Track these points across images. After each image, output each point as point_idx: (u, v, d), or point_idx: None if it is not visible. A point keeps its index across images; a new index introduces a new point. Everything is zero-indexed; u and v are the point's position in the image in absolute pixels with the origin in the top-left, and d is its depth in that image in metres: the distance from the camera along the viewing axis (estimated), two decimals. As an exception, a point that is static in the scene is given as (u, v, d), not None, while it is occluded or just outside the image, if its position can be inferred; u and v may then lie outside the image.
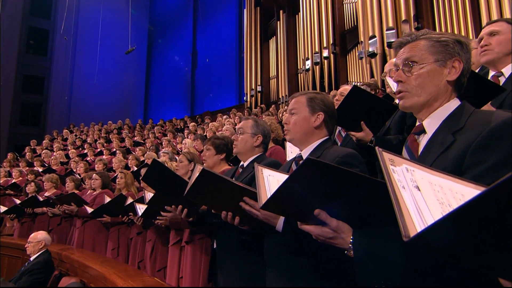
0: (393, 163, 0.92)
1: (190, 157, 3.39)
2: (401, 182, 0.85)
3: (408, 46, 1.27)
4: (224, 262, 2.30)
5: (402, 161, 0.94)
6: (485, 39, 2.06)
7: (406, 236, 0.71)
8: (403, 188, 0.84)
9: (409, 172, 0.89)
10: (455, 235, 0.64)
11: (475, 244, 0.64)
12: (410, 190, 0.83)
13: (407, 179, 0.87)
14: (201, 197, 1.92)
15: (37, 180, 6.87)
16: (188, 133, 9.62)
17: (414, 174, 0.89)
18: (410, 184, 0.85)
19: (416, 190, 0.84)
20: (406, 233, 0.72)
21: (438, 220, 0.63)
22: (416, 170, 0.91)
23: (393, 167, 0.90)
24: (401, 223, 0.74)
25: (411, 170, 0.90)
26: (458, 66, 1.21)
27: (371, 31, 10.49)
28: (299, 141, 1.85)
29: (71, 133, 15.69)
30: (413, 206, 0.79)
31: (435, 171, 0.92)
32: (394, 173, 0.88)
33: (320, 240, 1.19)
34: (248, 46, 16.43)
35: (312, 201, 1.13)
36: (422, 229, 0.69)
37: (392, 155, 0.95)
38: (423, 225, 0.74)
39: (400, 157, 0.96)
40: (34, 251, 4.24)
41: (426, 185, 0.86)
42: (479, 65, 2.28)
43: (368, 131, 2.26)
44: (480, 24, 8.47)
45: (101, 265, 3.70)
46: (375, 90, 3.93)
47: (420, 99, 1.23)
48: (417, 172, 0.90)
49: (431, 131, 1.20)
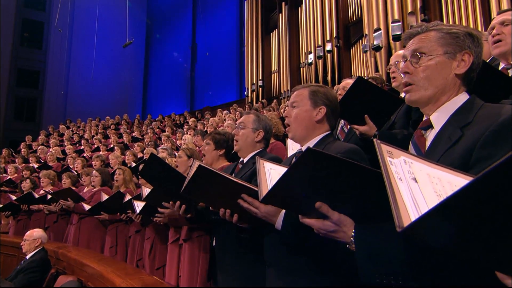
0: (391, 155, 0.92)
1: (189, 153, 3.39)
2: (398, 174, 0.86)
3: (418, 38, 1.27)
4: (223, 260, 2.30)
5: (400, 153, 0.95)
6: (497, 28, 2.02)
7: (399, 227, 0.72)
8: (400, 180, 0.84)
9: (407, 164, 0.90)
10: (449, 224, 0.64)
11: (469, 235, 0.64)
12: (407, 182, 0.84)
13: (404, 171, 0.87)
14: (199, 194, 1.92)
15: (32, 177, 6.88)
16: (187, 129, 9.62)
17: (412, 166, 0.90)
18: (407, 176, 0.86)
19: (413, 182, 0.84)
20: (400, 224, 0.73)
21: (431, 209, 0.64)
22: (414, 162, 0.92)
23: (390, 159, 0.90)
24: (395, 214, 0.75)
25: (409, 162, 0.91)
26: (467, 60, 1.20)
27: (376, 24, 10.45)
28: (300, 135, 1.84)
29: (68, 128, 15.69)
30: (409, 197, 0.80)
31: (434, 164, 0.92)
32: (391, 164, 0.88)
33: (322, 234, 1.20)
34: (249, 40, 16.40)
35: (313, 193, 1.13)
36: (415, 219, 0.69)
37: (390, 147, 0.95)
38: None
39: (399, 150, 0.97)
40: (30, 249, 4.25)
41: (424, 177, 0.86)
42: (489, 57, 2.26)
43: (372, 125, 2.25)
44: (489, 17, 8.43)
45: (99, 264, 3.70)
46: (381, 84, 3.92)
47: (427, 92, 1.22)
48: (415, 164, 0.91)
49: (438, 126, 1.20)
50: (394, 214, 0.75)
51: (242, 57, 19.30)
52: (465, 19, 8.88)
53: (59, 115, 21.23)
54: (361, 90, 2.24)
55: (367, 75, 10.12)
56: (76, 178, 5.97)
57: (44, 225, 5.43)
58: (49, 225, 5.46)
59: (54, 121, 18.84)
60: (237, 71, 20.66)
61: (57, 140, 12.66)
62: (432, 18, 9.49)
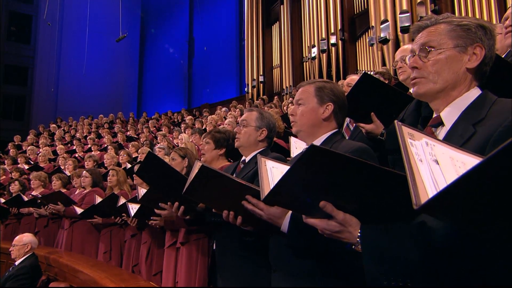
0: (412, 137, 0.94)
1: (182, 154, 3.37)
2: (419, 156, 0.88)
3: (427, 31, 1.27)
4: (224, 264, 2.31)
5: (422, 135, 0.96)
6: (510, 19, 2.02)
7: (416, 204, 0.75)
8: (420, 161, 0.87)
9: (428, 146, 0.92)
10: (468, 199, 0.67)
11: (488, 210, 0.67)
12: (428, 164, 0.86)
13: (425, 153, 0.90)
14: (201, 195, 1.93)
15: (22, 179, 6.89)
16: (185, 127, 9.62)
17: (434, 148, 0.92)
18: (428, 158, 0.88)
19: (434, 164, 0.86)
20: (417, 202, 0.76)
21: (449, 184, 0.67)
22: (437, 145, 0.94)
23: (411, 141, 0.92)
24: (413, 192, 0.78)
25: (431, 145, 0.93)
26: (479, 53, 1.20)
27: (383, 15, 10.44)
28: (306, 134, 1.85)
29: (59, 127, 15.71)
30: (429, 178, 0.82)
31: (458, 148, 0.94)
32: (412, 146, 0.91)
33: (326, 235, 1.20)
34: (249, 33, 16.40)
35: (317, 192, 1.14)
36: (433, 195, 0.72)
37: (412, 129, 0.97)
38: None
39: (421, 132, 0.98)
40: (19, 255, 4.25)
41: (447, 160, 0.88)
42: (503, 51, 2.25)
43: (378, 123, 2.25)
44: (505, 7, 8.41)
45: (92, 269, 3.71)
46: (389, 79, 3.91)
47: (436, 86, 1.22)
48: (438, 147, 0.93)
49: (449, 123, 1.20)
50: (412, 193, 0.78)
51: (242, 51, 19.32)
52: (478, 9, 8.86)
53: (50, 113, 21.24)
54: (367, 87, 2.24)
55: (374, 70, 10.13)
56: (67, 180, 5.97)
57: (34, 230, 5.44)
58: (40, 229, 5.47)
59: (44, 120, 18.84)
60: (237, 66, 20.67)
61: (48, 140, 12.69)
62: (443, 8, 9.47)
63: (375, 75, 4.11)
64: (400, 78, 2.68)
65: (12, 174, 7.72)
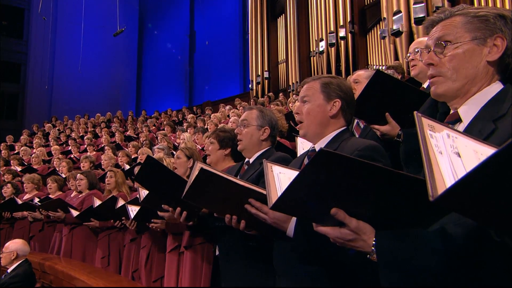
0: (432, 129, 0.94)
1: (188, 153, 3.39)
2: (439, 148, 0.88)
3: (441, 24, 1.25)
4: (228, 270, 2.32)
5: (443, 127, 0.96)
6: None
7: (433, 196, 0.76)
8: (440, 153, 0.87)
9: (450, 138, 0.92)
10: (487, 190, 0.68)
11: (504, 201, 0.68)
12: (448, 156, 0.86)
13: (446, 145, 0.90)
14: (202, 199, 1.93)
15: (14, 181, 6.91)
16: (187, 126, 9.65)
17: (456, 141, 0.92)
18: (449, 150, 0.88)
19: (455, 156, 0.86)
20: (434, 193, 0.76)
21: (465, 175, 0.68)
22: (459, 137, 0.93)
23: (431, 132, 0.93)
24: (430, 184, 0.78)
25: (453, 137, 0.92)
26: (500, 44, 1.18)
27: (396, 6, 10.38)
28: (313, 135, 1.85)
29: (54, 127, 15.79)
30: (449, 171, 0.82)
31: (482, 142, 0.94)
32: (431, 138, 0.91)
33: (339, 243, 1.19)
34: (253, 26, 16.39)
35: (328, 199, 1.13)
36: (451, 185, 0.73)
37: (432, 121, 0.97)
38: None
39: (442, 124, 0.98)
40: (8, 263, 4.23)
41: (470, 153, 0.88)
42: None
43: (394, 124, 2.23)
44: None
45: (89, 276, 3.73)
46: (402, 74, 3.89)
47: (455, 84, 1.21)
48: (461, 139, 0.93)
49: (467, 120, 1.19)
50: (428, 184, 0.78)
51: (245, 45, 19.28)
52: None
53: (44, 112, 21.30)
54: (381, 85, 2.22)
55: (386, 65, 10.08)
56: (62, 182, 5.99)
57: (28, 234, 5.47)
58: (34, 233, 5.51)
59: (38, 119, 18.93)
60: (241, 61, 20.64)
61: (42, 140, 12.75)
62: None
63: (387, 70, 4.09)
64: (412, 73, 2.65)
65: (5, 176, 7.75)
